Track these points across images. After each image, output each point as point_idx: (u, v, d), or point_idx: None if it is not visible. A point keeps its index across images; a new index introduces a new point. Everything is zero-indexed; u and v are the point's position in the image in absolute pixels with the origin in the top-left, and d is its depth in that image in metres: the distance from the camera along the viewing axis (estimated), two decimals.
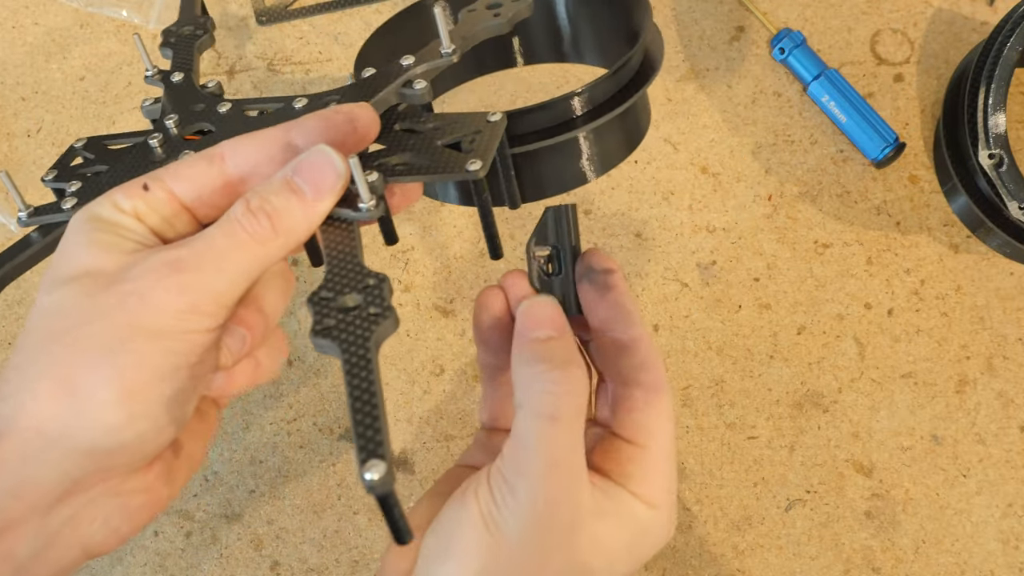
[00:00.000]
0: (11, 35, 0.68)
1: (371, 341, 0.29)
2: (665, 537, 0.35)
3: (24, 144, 0.66)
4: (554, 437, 0.32)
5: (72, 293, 0.31)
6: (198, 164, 0.33)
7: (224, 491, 0.59)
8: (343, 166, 0.32)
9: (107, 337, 0.30)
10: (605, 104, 0.39)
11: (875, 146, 0.59)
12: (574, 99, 0.38)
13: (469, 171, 0.34)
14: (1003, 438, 0.56)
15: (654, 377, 0.36)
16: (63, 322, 0.30)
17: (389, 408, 0.59)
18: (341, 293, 0.31)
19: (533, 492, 0.31)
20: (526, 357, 0.34)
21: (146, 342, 0.30)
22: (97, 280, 0.31)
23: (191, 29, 0.48)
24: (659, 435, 0.35)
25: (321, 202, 0.32)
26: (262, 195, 0.32)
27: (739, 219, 0.60)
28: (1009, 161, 0.52)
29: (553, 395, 0.32)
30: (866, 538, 0.55)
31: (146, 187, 0.33)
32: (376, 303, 0.30)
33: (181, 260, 0.31)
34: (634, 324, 0.36)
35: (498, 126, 0.36)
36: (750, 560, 0.55)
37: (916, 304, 0.59)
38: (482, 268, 0.61)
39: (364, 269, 0.31)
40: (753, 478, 0.57)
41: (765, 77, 0.63)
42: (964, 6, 0.63)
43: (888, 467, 0.56)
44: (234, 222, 0.32)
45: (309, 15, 0.66)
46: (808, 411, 0.57)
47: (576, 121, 0.39)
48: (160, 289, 0.30)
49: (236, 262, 0.31)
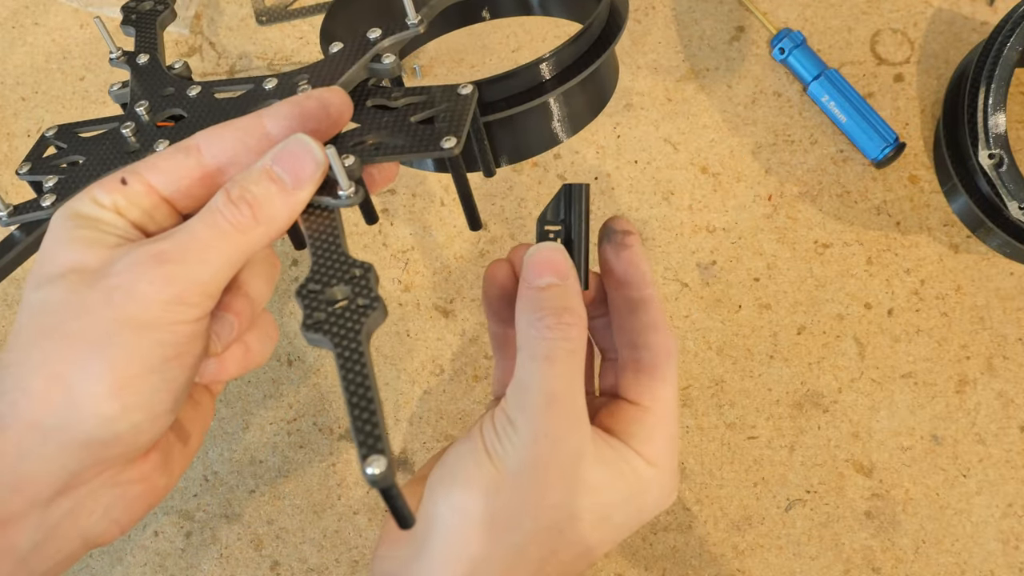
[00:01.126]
0: (11, 35, 0.68)
1: (362, 334, 0.29)
2: (666, 498, 0.36)
3: (24, 144, 0.66)
4: (551, 376, 0.33)
5: (58, 290, 0.31)
6: (175, 156, 0.33)
7: (224, 491, 0.59)
8: (321, 155, 0.33)
9: (96, 332, 0.30)
10: (573, 66, 0.39)
11: (875, 146, 0.59)
12: (542, 64, 0.38)
13: (444, 148, 0.34)
14: (1003, 438, 0.56)
15: (662, 339, 0.37)
16: (51, 319, 0.31)
17: (389, 408, 0.59)
18: (328, 285, 0.31)
19: (532, 426, 0.33)
20: (524, 305, 0.35)
21: (134, 334, 0.30)
22: (82, 276, 0.31)
23: (151, 3, 0.47)
24: (663, 398, 0.36)
25: (301, 191, 0.32)
26: (242, 184, 0.32)
27: (739, 219, 0.60)
28: (1009, 161, 0.52)
29: (547, 340, 0.34)
30: (866, 538, 0.55)
31: (124, 181, 0.33)
32: (364, 294, 0.30)
33: (164, 252, 0.31)
34: (647, 284, 0.37)
35: (469, 99, 0.36)
36: (750, 560, 0.55)
37: (916, 304, 0.59)
38: (482, 268, 0.61)
39: (349, 258, 0.31)
40: (753, 478, 0.57)
41: (765, 77, 0.63)
42: (964, 6, 0.63)
43: (888, 467, 0.56)
44: (215, 212, 0.32)
45: (309, 15, 0.66)
46: (808, 411, 0.57)
47: (545, 86, 0.39)
48: (144, 282, 0.30)
49: (219, 252, 0.32)
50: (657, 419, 0.36)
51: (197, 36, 0.67)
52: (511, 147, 0.41)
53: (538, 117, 0.40)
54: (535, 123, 0.40)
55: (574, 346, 0.34)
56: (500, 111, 0.38)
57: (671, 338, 0.37)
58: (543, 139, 0.41)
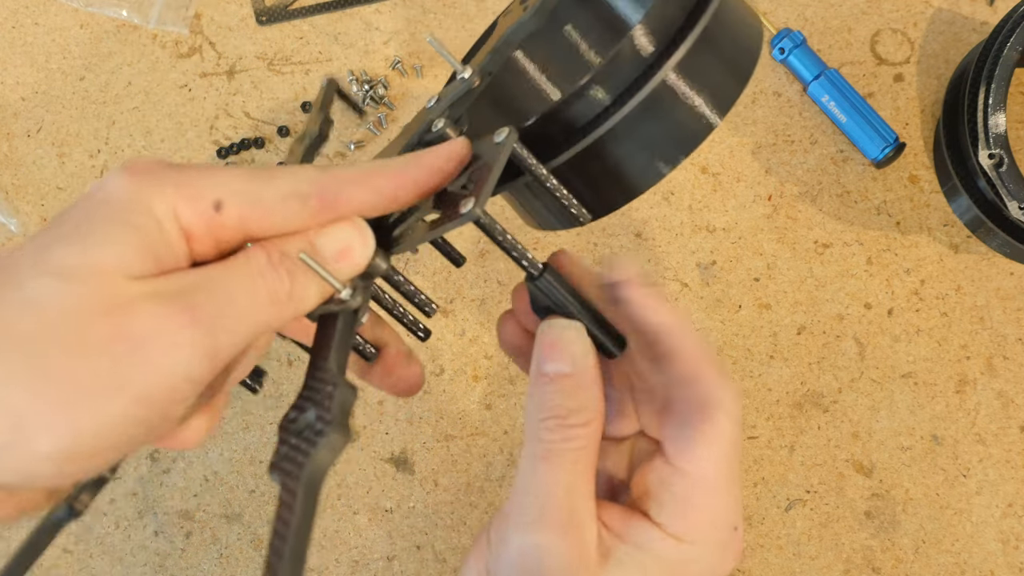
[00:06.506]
0: (11, 35, 0.68)
1: (304, 469, 0.24)
2: (719, 568, 0.31)
3: (24, 144, 0.66)
4: (550, 481, 0.29)
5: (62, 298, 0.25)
6: (290, 203, 0.28)
7: (224, 491, 0.59)
8: (372, 245, 0.29)
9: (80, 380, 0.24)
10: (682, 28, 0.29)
11: (875, 146, 0.59)
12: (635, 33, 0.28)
13: (463, 214, 0.28)
14: (1003, 438, 0.56)
15: (703, 390, 0.31)
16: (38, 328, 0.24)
17: (389, 408, 0.59)
18: (303, 410, 0.26)
19: (521, 541, 0.29)
20: (531, 394, 0.31)
21: (120, 403, 0.25)
22: (98, 297, 0.25)
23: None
24: (706, 458, 0.30)
25: (340, 271, 0.29)
26: (284, 250, 0.28)
27: (739, 219, 0.60)
28: (1009, 161, 0.52)
29: (546, 443, 0.30)
30: (866, 538, 0.55)
31: (218, 207, 0.27)
32: (322, 417, 0.25)
33: (194, 307, 0.26)
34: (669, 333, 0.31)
35: (503, 147, 0.29)
36: (750, 560, 0.55)
37: (916, 304, 0.59)
38: (482, 268, 0.61)
39: (330, 372, 0.27)
40: (753, 478, 0.57)
41: (765, 77, 0.63)
42: (964, 6, 0.63)
43: (888, 467, 0.56)
44: (255, 273, 0.27)
45: (309, 15, 0.66)
46: (808, 411, 0.57)
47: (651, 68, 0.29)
48: (164, 342, 0.25)
49: (248, 324, 0.27)
50: (695, 486, 0.30)
51: (197, 36, 0.67)
52: (623, 174, 0.31)
53: (659, 111, 0.30)
54: (657, 121, 0.31)
55: (581, 444, 0.30)
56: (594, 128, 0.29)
57: (718, 386, 0.30)
58: (679, 137, 0.31)
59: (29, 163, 0.65)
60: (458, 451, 0.59)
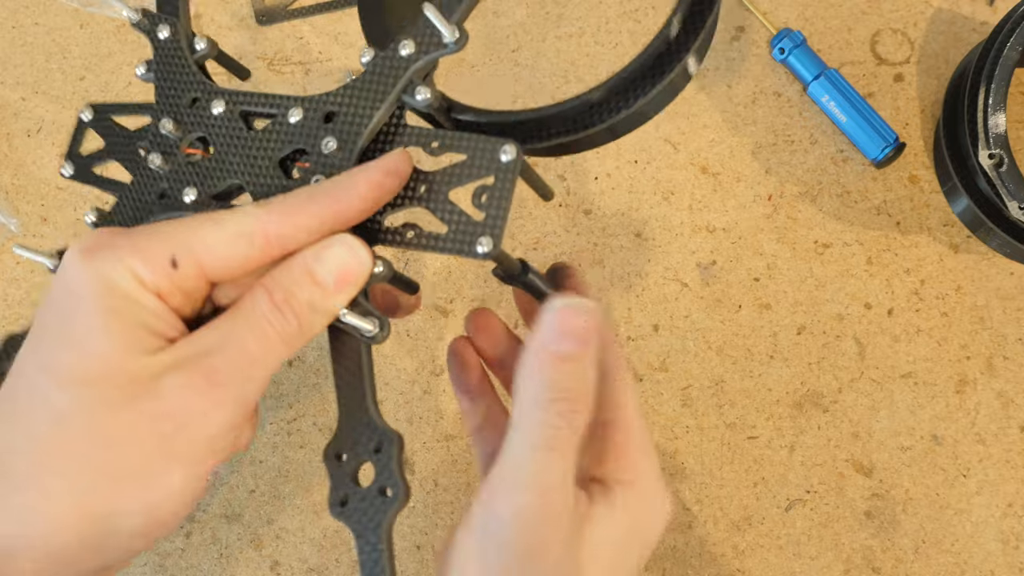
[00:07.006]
0: (11, 35, 0.68)
1: (383, 527, 0.27)
2: (656, 512, 0.33)
3: (24, 144, 0.66)
4: (549, 469, 0.29)
5: (90, 401, 0.27)
6: (237, 244, 0.29)
7: (224, 491, 0.59)
8: (367, 257, 0.30)
9: (134, 463, 0.27)
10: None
11: (875, 146, 0.59)
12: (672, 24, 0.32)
13: (479, 253, 0.29)
14: (1003, 438, 0.56)
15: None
16: (79, 438, 0.27)
17: (389, 408, 0.59)
18: (354, 453, 0.29)
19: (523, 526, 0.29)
20: (534, 373, 0.30)
21: (176, 475, 0.28)
22: (121, 388, 0.27)
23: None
24: (631, 405, 0.33)
25: (341, 294, 0.29)
26: (287, 288, 0.29)
27: (739, 219, 0.60)
28: (1009, 161, 0.52)
29: (553, 428, 0.29)
30: (866, 538, 0.55)
31: (175, 264, 0.28)
32: (387, 478, 0.28)
33: (216, 372, 0.27)
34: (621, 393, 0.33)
35: (512, 169, 0.30)
36: (750, 560, 0.55)
37: (916, 304, 0.59)
38: (482, 268, 0.61)
39: (373, 421, 0.29)
40: (753, 478, 0.57)
41: (765, 77, 0.63)
42: (964, 6, 0.63)
43: (888, 467, 0.56)
44: (263, 321, 0.28)
45: (309, 15, 0.66)
46: (808, 411, 0.57)
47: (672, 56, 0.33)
48: (198, 413, 0.27)
49: (266, 366, 0.28)
50: (627, 430, 0.32)
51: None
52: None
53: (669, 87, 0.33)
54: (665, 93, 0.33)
55: (578, 433, 0.30)
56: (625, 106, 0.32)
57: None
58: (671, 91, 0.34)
59: (29, 163, 0.65)
60: (458, 451, 0.59)
